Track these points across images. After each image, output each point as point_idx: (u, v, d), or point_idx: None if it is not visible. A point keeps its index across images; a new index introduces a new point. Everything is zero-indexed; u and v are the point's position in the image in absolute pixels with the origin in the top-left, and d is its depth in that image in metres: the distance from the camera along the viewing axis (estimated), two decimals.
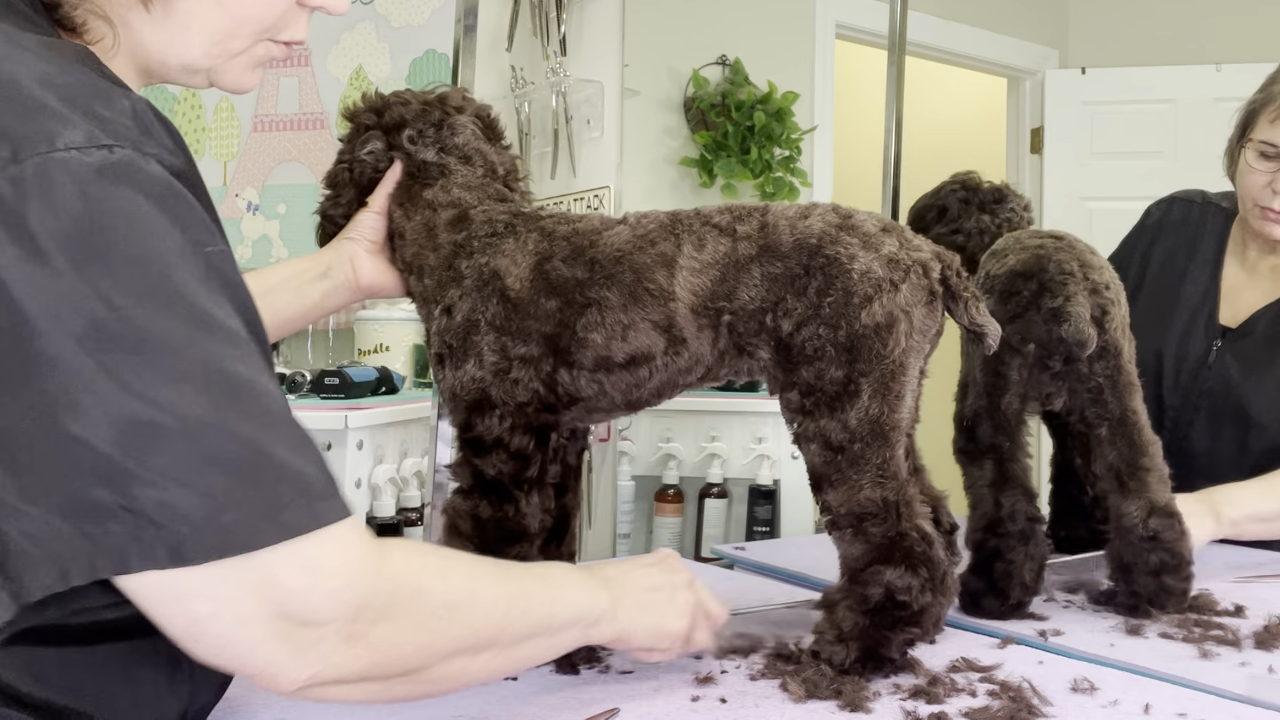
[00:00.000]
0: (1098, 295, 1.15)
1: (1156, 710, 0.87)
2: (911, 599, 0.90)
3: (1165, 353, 1.55)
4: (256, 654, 0.59)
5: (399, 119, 1.09)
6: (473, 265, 1.00)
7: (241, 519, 0.57)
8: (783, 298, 0.93)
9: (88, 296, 0.55)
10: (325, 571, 0.60)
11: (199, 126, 2.77)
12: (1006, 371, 1.15)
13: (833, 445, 0.92)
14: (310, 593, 0.59)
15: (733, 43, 2.53)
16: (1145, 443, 1.16)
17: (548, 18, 2.00)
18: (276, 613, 0.59)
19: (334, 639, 0.61)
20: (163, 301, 0.57)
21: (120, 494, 0.55)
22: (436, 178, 1.07)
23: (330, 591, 0.60)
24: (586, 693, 0.90)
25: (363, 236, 1.09)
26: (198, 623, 0.58)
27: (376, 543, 0.64)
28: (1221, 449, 1.50)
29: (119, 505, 0.55)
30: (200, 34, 0.72)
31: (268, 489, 0.58)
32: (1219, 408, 1.51)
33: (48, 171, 0.56)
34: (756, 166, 2.49)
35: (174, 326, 0.57)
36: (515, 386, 0.97)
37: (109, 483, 0.55)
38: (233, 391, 0.58)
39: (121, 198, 0.57)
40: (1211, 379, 1.52)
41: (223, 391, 0.58)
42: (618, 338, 0.96)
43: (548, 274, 0.97)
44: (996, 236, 1.39)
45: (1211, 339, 1.54)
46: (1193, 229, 1.62)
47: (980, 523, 1.15)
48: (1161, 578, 1.13)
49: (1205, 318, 1.55)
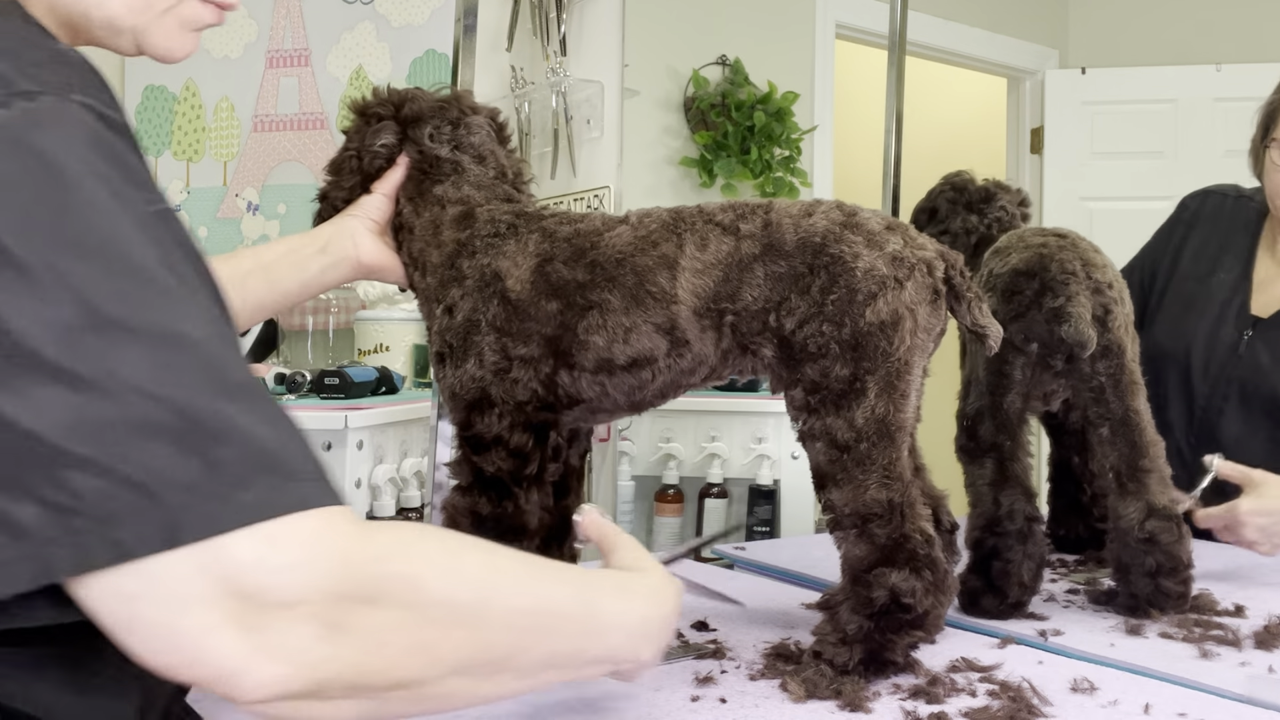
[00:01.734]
0: (1100, 295, 1.15)
1: (1156, 710, 0.87)
2: (915, 602, 0.90)
3: (1195, 342, 1.55)
4: (206, 646, 0.48)
5: (418, 113, 1.09)
6: (474, 265, 1.00)
7: (190, 502, 0.47)
8: (786, 296, 0.93)
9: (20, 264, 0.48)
10: (280, 543, 0.49)
11: (199, 126, 2.77)
12: (1009, 371, 1.15)
13: (838, 444, 0.92)
14: (262, 566, 0.48)
15: (733, 43, 2.53)
16: (1146, 444, 1.16)
17: (548, 18, 2.00)
18: (229, 592, 0.48)
19: (307, 627, 0.49)
20: (86, 252, 0.50)
21: (54, 482, 0.47)
22: (449, 174, 1.07)
23: (287, 565, 0.49)
24: (586, 692, 0.90)
25: (366, 215, 1.08)
26: (130, 604, 0.48)
27: (361, 523, 0.54)
28: (1252, 438, 1.49)
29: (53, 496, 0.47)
30: None
31: (221, 466, 0.49)
32: (1249, 396, 1.50)
33: None
34: (756, 166, 2.49)
35: (100, 279, 0.49)
36: (515, 386, 0.97)
37: (41, 469, 0.47)
38: (177, 353, 0.50)
39: (41, 145, 0.50)
40: (1242, 368, 1.51)
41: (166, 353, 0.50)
42: (619, 340, 0.96)
43: (549, 276, 0.97)
44: (986, 236, 1.40)
45: (1243, 328, 1.53)
46: (1226, 221, 1.62)
47: (979, 522, 1.15)
48: (1158, 580, 1.13)
49: (1237, 308, 1.54)
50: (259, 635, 0.48)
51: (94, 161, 0.52)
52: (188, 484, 0.48)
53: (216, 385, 0.50)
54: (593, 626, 0.65)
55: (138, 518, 0.47)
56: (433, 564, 0.56)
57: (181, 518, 0.47)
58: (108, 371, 0.48)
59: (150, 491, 0.47)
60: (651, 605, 0.71)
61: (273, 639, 0.48)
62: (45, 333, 0.48)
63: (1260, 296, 1.55)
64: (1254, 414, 1.50)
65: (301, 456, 0.52)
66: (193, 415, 0.49)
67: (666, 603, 0.73)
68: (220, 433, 0.49)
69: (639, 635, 0.69)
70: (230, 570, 0.48)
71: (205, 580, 0.47)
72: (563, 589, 0.64)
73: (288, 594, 0.49)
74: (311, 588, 0.49)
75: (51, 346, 0.48)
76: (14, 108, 0.51)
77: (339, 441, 1.83)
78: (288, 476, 0.50)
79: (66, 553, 0.47)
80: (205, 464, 0.48)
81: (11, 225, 0.49)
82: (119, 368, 0.48)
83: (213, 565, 0.47)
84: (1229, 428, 1.51)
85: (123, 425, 0.47)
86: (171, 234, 0.54)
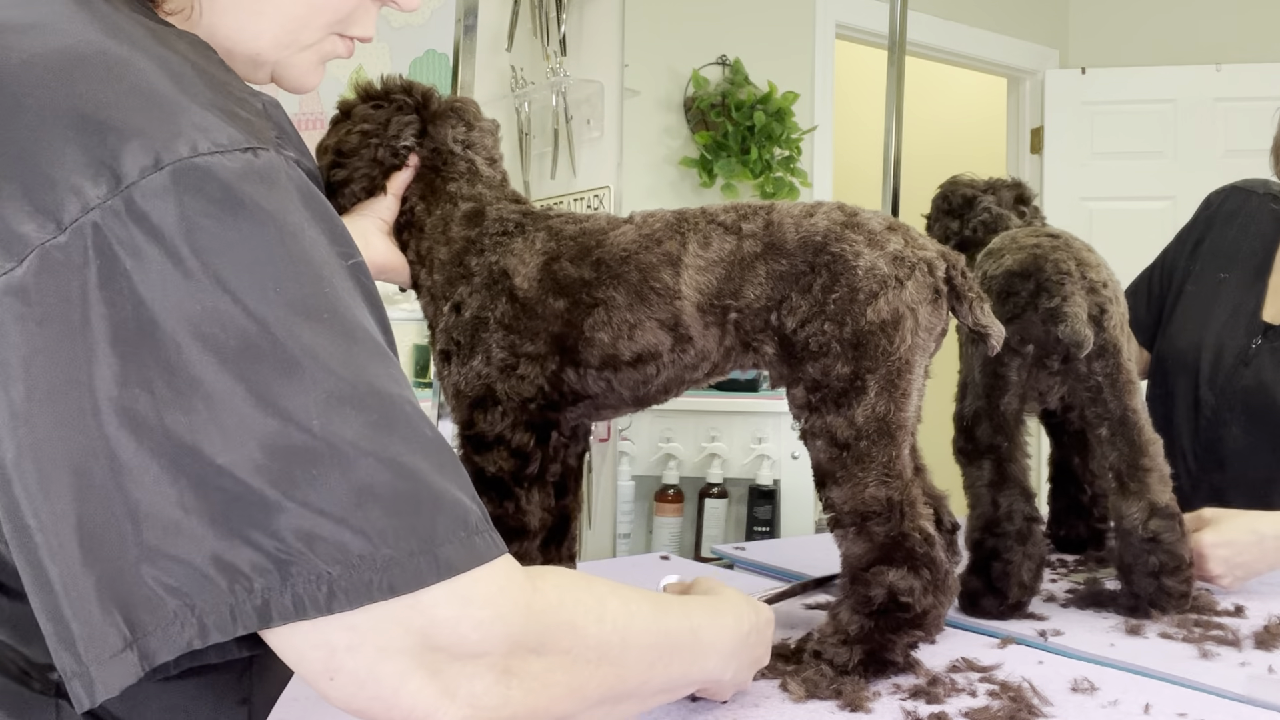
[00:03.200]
0: (1095, 294, 1.14)
1: (1156, 710, 0.87)
2: (914, 600, 0.90)
3: (1204, 346, 1.51)
4: (402, 692, 0.52)
5: (442, 111, 1.08)
6: (482, 263, 1.00)
7: (399, 558, 0.50)
8: (788, 295, 0.94)
9: (233, 312, 0.49)
10: (475, 600, 0.53)
11: None
12: (1005, 372, 1.15)
13: (839, 442, 0.92)
14: (460, 623, 0.52)
15: (733, 43, 2.53)
16: (1145, 442, 1.16)
17: (548, 18, 2.00)
18: (425, 644, 0.52)
19: (488, 675, 0.54)
20: (314, 315, 0.51)
21: (267, 532, 0.49)
22: (463, 173, 1.07)
23: (482, 622, 0.53)
24: None
25: (377, 215, 1.08)
26: (335, 656, 0.51)
27: (525, 571, 0.57)
28: (1257, 448, 1.46)
29: (265, 545, 0.49)
30: (274, 20, 0.67)
31: (426, 522, 0.52)
32: (1255, 405, 1.46)
33: (191, 177, 0.50)
34: (756, 166, 2.49)
35: (325, 342, 0.51)
36: (521, 383, 0.98)
37: (255, 520, 0.49)
38: (388, 413, 0.52)
39: (269, 204, 0.52)
40: (1248, 376, 1.47)
41: (378, 413, 0.52)
42: (624, 337, 0.96)
43: (555, 274, 0.98)
44: (968, 240, 1.39)
45: (1252, 335, 1.49)
46: (1245, 221, 1.57)
47: (978, 523, 1.15)
48: (1161, 579, 1.13)
49: (1248, 313, 1.51)
50: (447, 682, 0.52)
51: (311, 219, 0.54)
52: (396, 540, 0.50)
53: (415, 442, 0.53)
54: (699, 652, 0.72)
55: (351, 572, 0.50)
56: (587, 610, 0.60)
57: (390, 574, 0.50)
58: (328, 428, 0.50)
59: (366, 547, 0.50)
60: (737, 622, 0.78)
61: (460, 686, 0.53)
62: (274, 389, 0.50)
63: (1274, 302, 1.51)
64: (1259, 424, 1.46)
65: (478, 506, 0.55)
66: (403, 473, 0.52)
67: (746, 619, 0.80)
68: (421, 489, 0.52)
69: (728, 655, 0.76)
70: (429, 625, 0.51)
71: (407, 634, 0.51)
72: (677, 620, 0.70)
73: (478, 648, 0.53)
74: (497, 641, 0.54)
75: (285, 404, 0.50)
76: (238, 161, 0.51)
77: None
78: (473, 530, 0.54)
79: (286, 600, 0.49)
80: (409, 521, 0.51)
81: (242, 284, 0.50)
82: (341, 429, 0.51)
83: (415, 619, 0.51)
84: (1234, 438, 1.48)
85: (343, 483, 0.50)
86: (363, 288, 0.56)
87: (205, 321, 0.49)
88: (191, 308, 0.49)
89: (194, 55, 0.56)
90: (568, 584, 0.60)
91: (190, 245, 0.49)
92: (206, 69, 0.56)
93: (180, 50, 0.56)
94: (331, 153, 1.08)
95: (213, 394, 0.49)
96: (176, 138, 0.50)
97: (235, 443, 0.49)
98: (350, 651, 0.51)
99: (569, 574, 0.62)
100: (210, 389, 0.49)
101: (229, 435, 0.49)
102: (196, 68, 0.55)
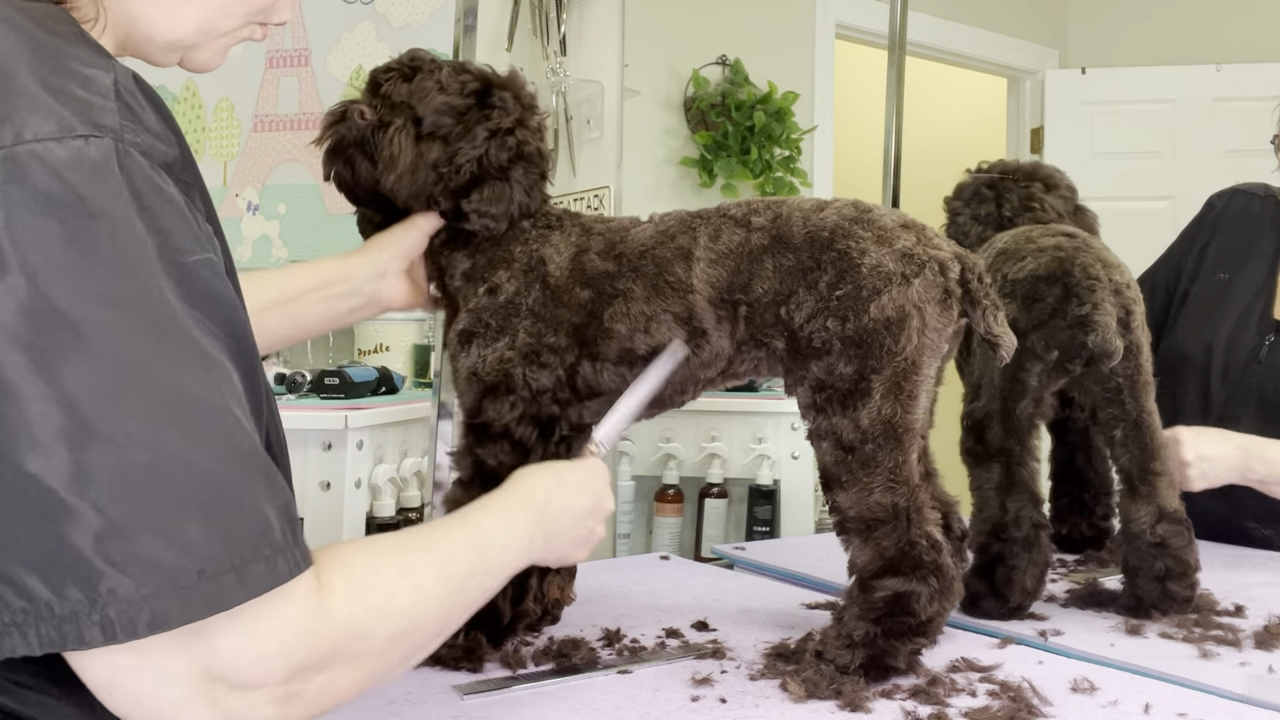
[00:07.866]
0: (1120, 296, 1.13)
1: (1156, 710, 0.87)
2: (920, 608, 0.90)
3: (1215, 346, 1.52)
4: (178, 718, 0.53)
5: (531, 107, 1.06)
6: (525, 250, 1.02)
7: (192, 584, 0.50)
8: (795, 290, 0.94)
9: (45, 311, 0.49)
10: (259, 635, 0.53)
11: (199, 126, 2.77)
12: (1025, 378, 1.14)
13: (844, 444, 0.91)
14: (242, 655, 0.53)
15: (733, 43, 2.53)
16: (1157, 446, 1.15)
17: (548, 18, 2.00)
18: (206, 674, 0.52)
19: (268, 706, 0.54)
20: (127, 316, 0.51)
21: (79, 545, 0.48)
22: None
23: (264, 656, 0.53)
24: (586, 693, 0.90)
25: (404, 255, 1.05)
26: (117, 674, 0.51)
27: (316, 589, 0.56)
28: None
29: (76, 560, 0.48)
30: (198, 9, 0.67)
31: (233, 539, 0.51)
32: (1268, 403, 1.47)
33: (15, 166, 0.49)
34: (756, 166, 2.48)
35: (139, 346, 0.50)
36: (541, 371, 0.98)
37: (66, 531, 0.48)
38: (186, 413, 0.51)
39: (95, 198, 0.50)
40: (1261, 374, 1.48)
41: (174, 411, 0.51)
42: (640, 329, 0.97)
43: (583, 265, 1.00)
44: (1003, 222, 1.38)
45: (1264, 334, 1.50)
46: (1252, 222, 1.58)
47: (985, 526, 1.14)
48: (1166, 584, 1.13)
49: (1259, 312, 1.51)
50: (223, 711, 0.53)
51: (139, 215, 0.52)
52: (208, 556, 0.50)
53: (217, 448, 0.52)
54: (491, 564, 0.73)
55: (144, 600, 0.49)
56: (374, 610, 0.60)
57: (183, 600, 0.50)
58: (144, 437, 0.50)
59: (180, 563, 0.50)
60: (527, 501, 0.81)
61: (236, 712, 0.53)
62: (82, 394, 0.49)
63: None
64: (1271, 422, 1.45)
65: (283, 520, 0.54)
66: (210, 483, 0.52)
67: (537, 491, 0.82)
68: (235, 504, 0.52)
69: (527, 543, 0.78)
70: (212, 655, 0.52)
71: (191, 663, 0.52)
72: (463, 551, 0.70)
73: (258, 680, 0.53)
74: (278, 673, 0.54)
75: (94, 411, 0.49)
76: (68, 149, 0.50)
77: (339, 441, 1.83)
78: (276, 549, 0.53)
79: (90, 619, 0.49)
80: (221, 536, 0.51)
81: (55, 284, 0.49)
82: (154, 437, 0.50)
83: (198, 649, 0.52)
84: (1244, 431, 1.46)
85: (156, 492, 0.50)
86: (202, 286, 0.55)
87: (13, 320, 0.48)
88: (7, 304, 0.49)
89: (39, 30, 0.55)
90: (355, 587, 0.60)
91: (10, 239, 0.49)
92: (51, 43, 0.55)
93: (22, 26, 0.55)
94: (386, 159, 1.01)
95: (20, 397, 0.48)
96: (3, 123, 0.50)
97: (46, 450, 0.48)
98: (133, 672, 0.51)
99: (358, 568, 0.61)
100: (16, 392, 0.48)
101: (39, 441, 0.48)
102: (37, 43, 0.54)
